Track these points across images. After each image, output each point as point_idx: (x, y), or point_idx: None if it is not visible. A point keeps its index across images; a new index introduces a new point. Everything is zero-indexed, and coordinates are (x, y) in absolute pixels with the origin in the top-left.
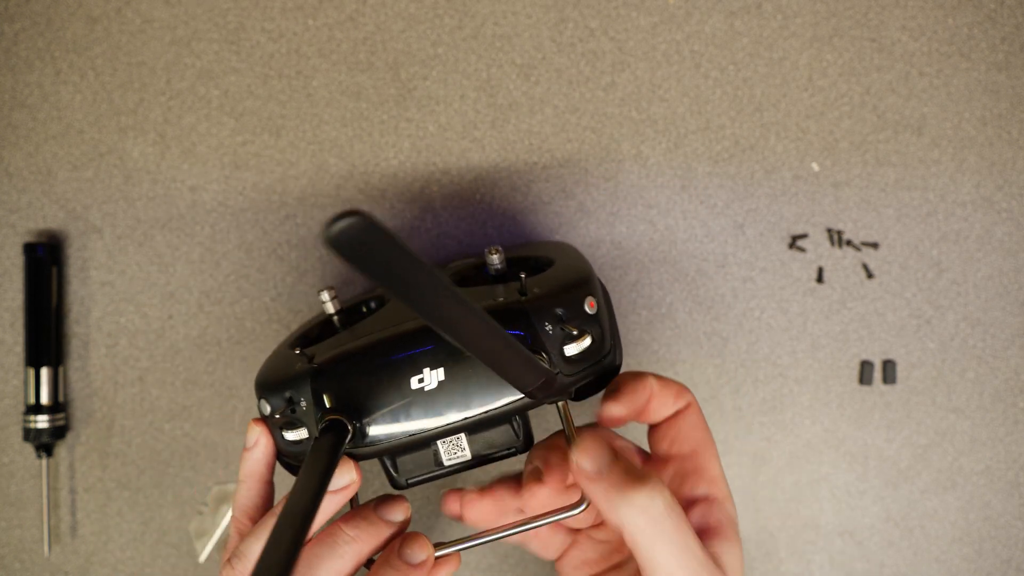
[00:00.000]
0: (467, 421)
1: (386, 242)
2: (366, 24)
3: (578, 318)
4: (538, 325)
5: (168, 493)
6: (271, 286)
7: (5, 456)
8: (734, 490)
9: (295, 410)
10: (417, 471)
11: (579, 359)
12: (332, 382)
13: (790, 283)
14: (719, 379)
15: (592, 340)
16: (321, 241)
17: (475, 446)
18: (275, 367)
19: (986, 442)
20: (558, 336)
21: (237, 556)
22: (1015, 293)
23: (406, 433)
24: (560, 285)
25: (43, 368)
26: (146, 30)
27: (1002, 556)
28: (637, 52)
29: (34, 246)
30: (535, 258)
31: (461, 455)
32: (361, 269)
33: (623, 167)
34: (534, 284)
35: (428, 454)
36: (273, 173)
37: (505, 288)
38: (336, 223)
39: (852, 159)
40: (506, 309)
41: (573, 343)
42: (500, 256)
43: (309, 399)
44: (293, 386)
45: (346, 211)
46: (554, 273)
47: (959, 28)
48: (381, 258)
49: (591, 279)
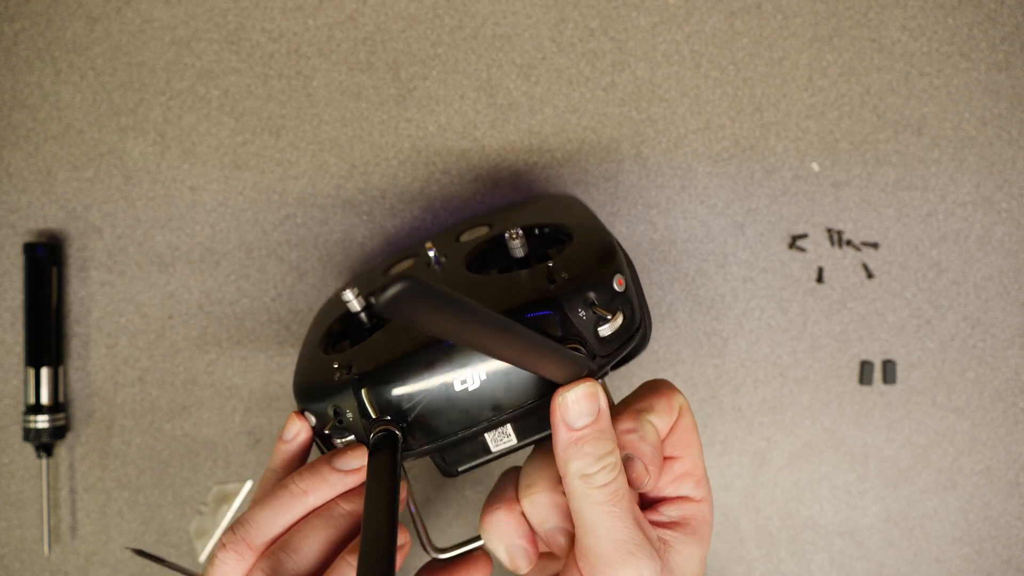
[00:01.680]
0: (512, 414)
1: (438, 299)
2: (366, 24)
3: (609, 299)
4: (571, 313)
5: (168, 493)
6: (271, 286)
7: (5, 456)
8: (734, 490)
9: (342, 421)
10: (466, 459)
11: (614, 338)
12: (376, 392)
13: (790, 283)
14: (719, 379)
15: (624, 318)
16: (376, 308)
17: (519, 429)
18: (312, 376)
19: (986, 442)
20: (591, 320)
21: (241, 522)
22: (1015, 293)
23: (452, 432)
24: (586, 266)
25: (43, 368)
26: (146, 30)
27: (1002, 556)
28: (637, 52)
29: (34, 246)
30: (551, 227)
31: (507, 441)
32: (414, 325)
33: (623, 167)
34: (560, 267)
35: (475, 443)
36: (273, 173)
37: (532, 275)
38: (387, 291)
39: (852, 159)
40: (538, 301)
41: (606, 324)
42: (521, 240)
43: (355, 410)
44: (336, 397)
45: (395, 277)
46: (577, 251)
47: (959, 28)
48: (435, 313)
49: (615, 253)
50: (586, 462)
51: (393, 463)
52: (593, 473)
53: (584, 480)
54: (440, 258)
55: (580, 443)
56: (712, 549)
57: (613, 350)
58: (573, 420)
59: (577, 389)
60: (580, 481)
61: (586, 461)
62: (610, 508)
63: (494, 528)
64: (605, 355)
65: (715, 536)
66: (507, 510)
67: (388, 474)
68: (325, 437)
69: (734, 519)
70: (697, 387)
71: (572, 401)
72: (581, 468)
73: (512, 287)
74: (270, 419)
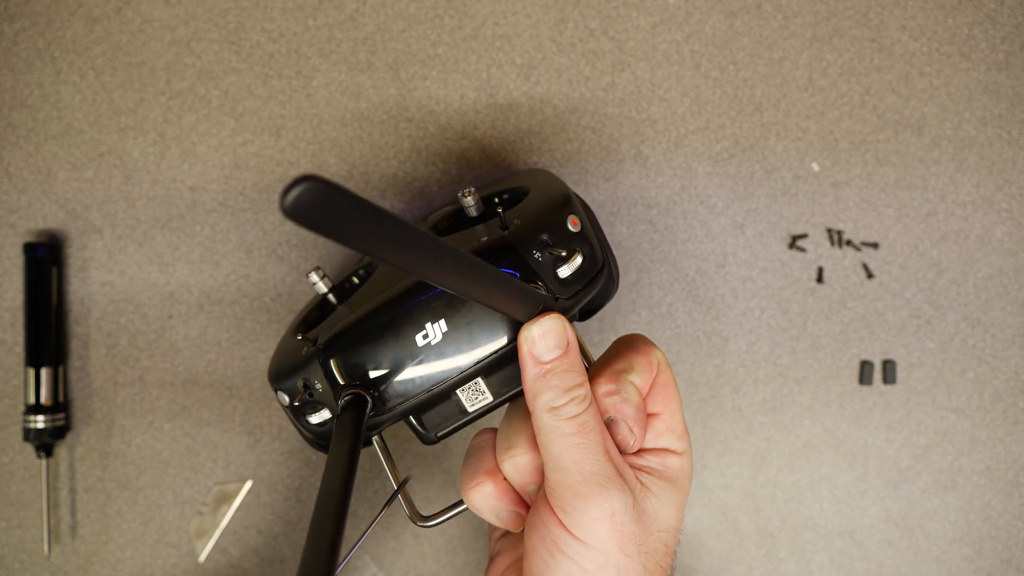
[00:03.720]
0: (480, 365)
1: (346, 201)
2: (366, 24)
3: (565, 239)
4: (526, 255)
5: (168, 493)
6: (271, 286)
7: (5, 456)
8: (734, 490)
9: (312, 394)
10: (444, 423)
11: (575, 279)
12: (340, 358)
13: (790, 283)
14: (719, 379)
15: (583, 257)
16: (281, 212)
17: (494, 386)
18: (283, 356)
19: (986, 442)
20: (549, 261)
21: None
22: (1015, 293)
23: (423, 389)
24: (540, 211)
25: (43, 368)
26: (146, 30)
27: (1002, 556)
28: (637, 52)
29: (34, 246)
30: (510, 190)
31: (483, 399)
32: (327, 234)
33: (623, 167)
34: (514, 216)
35: (451, 405)
36: (273, 173)
37: (486, 227)
38: (290, 192)
39: (852, 159)
40: (490, 247)
41: (565, 264)
42: (474, 197)
43: (323, 380)
44: (304, 371)
45: (298, 178)
46: (532, 201)
47: (959, 28)
48: (345, 219)
49: (570, 198)
50: (554, 394)
51: (358, 422)
52: (561, 405)
53: (552, 413)
54: None
55: (548, 376)
56: (712, 549)
57: (576, 292)
58: (541, 353)
59: (543, 322)
60: (548, 414)
61: (554, 393)
62: (578, 440)
63: (481, 501)
64: (568, 297)
65: (715, 536)
66: (491, 480)
67: (351, 432)
68: (297, 410)
69: (734, 519)
70: (697, 387)
71: (539, 335)
72: (549, 401)
73: (467, 240)
74: (270, 419)
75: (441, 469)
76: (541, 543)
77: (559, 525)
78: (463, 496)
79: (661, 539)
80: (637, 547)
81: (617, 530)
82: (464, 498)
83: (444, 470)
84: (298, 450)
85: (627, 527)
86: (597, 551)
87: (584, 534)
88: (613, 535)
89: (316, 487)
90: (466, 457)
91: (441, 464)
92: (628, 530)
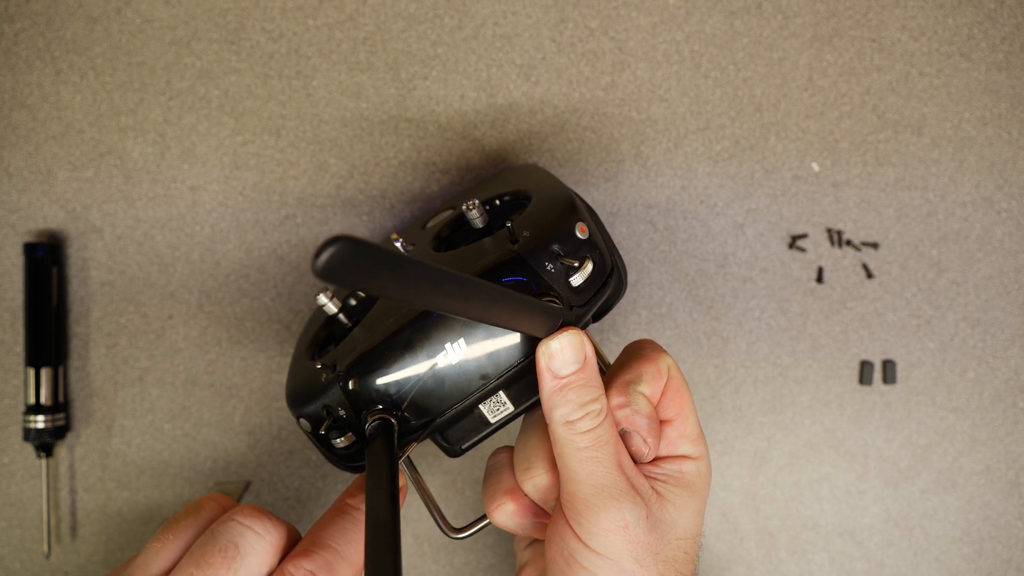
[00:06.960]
0: (501, 380)
1: (376, 256)
2: (366, 24)
3: (574, 247)
4: (538, 268)
5: (168, 493)
6: (271, 286)
7: (5, 456)
8: (734, 490)
9: (337, 420)
10: (468, 436)
11: (587, 286)
12: (362, 384)
13: (790, 283)
14: (719, 379)
15: (594, 264)
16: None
17: (514, 396)
18: (301, 382)
19: (986, 442)
20: (560, 271)
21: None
22: (1015, 293)
23: (446, 407)
24: (547, 220)
25: (43, 368)
26: (146, 30)
27: (1002, 556)
28: (637, 52)
29: (34, 246)
30: (511, 195)
31: (504, 409)
32: (359, 289)
33: (623, 167)
34: (521, 227)
35: (473, 418)
36: (273, 173)
37: (494, 240)
38: (321, 255)
39: (852, 159)
40: (503, 262)
41: (577, 273)
42: (479, 210)
43: (346, 406)
44: (325, 397)
45: (328, 240)
46: (537, 208)
47: (959, 28)
48: (376, 273)
49: (575, 204)
50: (570, 408)
51: (389, 448)
52: (577, 419)
53: (567, 427)
54: (408, 247)
55: (565, 390)
56: (712, 549)
57: (589, 298)
58: (559, 368)
59: (561, 337)
60: (564, 428)
61: (570, 407)
62: (592, 454)
63: (506, 519)
64: (582, 304)
65: (715, 536)
66: (512, 500)
67: (385, 458)
68: (322, 438)
69: (734, 519)
70: (697, 387)
71: (557, 349)
72: (565, 415)
73: (477, 255)
74: (270, 419)
75: (469, 479)
76: (560, 555)
77: (574, 537)
78: (488, 515)
79: (680, 547)
80: (653, 557)
81: (631, 541)
82: (489, 516)
83: (472, 482)
84: (298, 450)
85: (641, 538)
86: (612, 562)
87: (598, 545)
88: (627, 546)
89: (316, 487)
90: (485, 477)
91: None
92: (642, 540)
